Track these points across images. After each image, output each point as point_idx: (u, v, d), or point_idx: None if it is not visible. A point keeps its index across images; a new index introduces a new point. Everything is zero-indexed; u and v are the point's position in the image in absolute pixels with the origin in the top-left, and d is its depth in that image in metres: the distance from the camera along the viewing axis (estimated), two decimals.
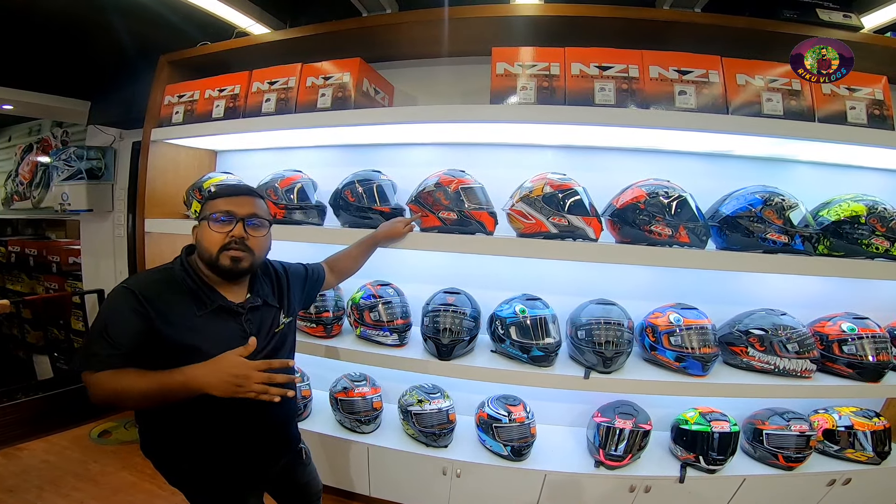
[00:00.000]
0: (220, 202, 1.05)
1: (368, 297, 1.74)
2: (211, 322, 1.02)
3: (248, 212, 1.05)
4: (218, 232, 1.02)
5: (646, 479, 1.64)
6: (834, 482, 1.59)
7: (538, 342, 1.55)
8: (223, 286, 1.07)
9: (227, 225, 1.02)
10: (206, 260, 1.04)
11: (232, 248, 1.02)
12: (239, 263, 1.03)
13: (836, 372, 1.51)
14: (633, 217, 1.42)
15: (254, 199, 1.09)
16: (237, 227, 1.02)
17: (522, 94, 1.45)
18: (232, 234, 1.02)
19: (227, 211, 1.03)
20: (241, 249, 1.03)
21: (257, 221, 1.06)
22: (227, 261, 1.02)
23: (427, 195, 1.54)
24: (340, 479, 1.96)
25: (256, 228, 1.06)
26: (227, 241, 1.02)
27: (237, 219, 1.03)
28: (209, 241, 1.02)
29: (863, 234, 1.38)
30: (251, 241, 1.05)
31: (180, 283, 1.02)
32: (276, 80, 1.68)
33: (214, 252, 1.02)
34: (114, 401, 0.92)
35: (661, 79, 1.40)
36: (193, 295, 1.02)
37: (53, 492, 1.97)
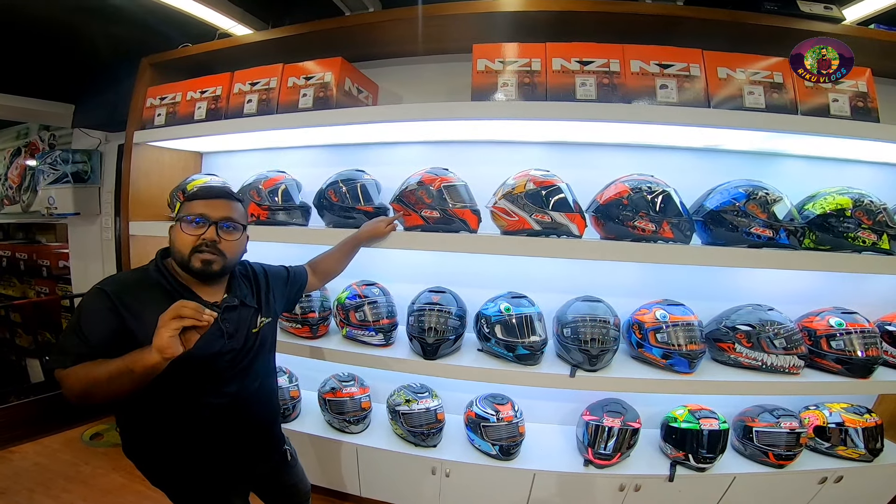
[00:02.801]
0: (197, 205, 1.05)
1: (354, 297, 1.73)
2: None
3: (223, 215, 1.05)
4: (190, 234, 1.02)
5: (635, 478, 1.63)
6: (825, 480, 1.57)
7: (523, 340, 1.54)
8: (199, 286, 1.07)
9: (199, 228, 1.02)
10: (178, 261, 1.04)
11: (203, 250, 1.02)
12: (210, 266, 1.03)
13: (825, 368, 1.49)
14: (617, 213, 1.41)
15: (230, 203, 1.09)
16: (209, 231, 1.03)
17: (503, 91, 1.44)
18: (203, 237, 1.02)
19: (201, 214, 1.03)
20: (213, 252, 1.03)
21: (231, 225, 1.06)
22: (198, 263, 1.02)
23: (409, 194, 1.53)
24: (331, 479, 1.95)
25: (229, 232, 1.06)
26: (199, 243, 1.02)
27: (210, 222, 1.03)
28: (181, 242, 1.02)
29: (849, 228, 1.36)
30: (223, 245, 1.04)
31: (155, 284, 1.03)
32: (257, 81, 1.67)
33: (186, 254, 1.02)
34: (85, 393, 0.90)
35: (643, 73, 1.39)
36: (168, 295, 1.01)
37: (44, 493, 1.97)
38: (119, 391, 0.88)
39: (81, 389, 0.89)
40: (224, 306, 1.08)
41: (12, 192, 2.59)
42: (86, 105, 2.19)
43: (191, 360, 0.99)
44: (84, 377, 0.89)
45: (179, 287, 1.04)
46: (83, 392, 0.89)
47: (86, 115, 2.19)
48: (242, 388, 1.13)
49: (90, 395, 0.89)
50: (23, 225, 2.91)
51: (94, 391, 0.89)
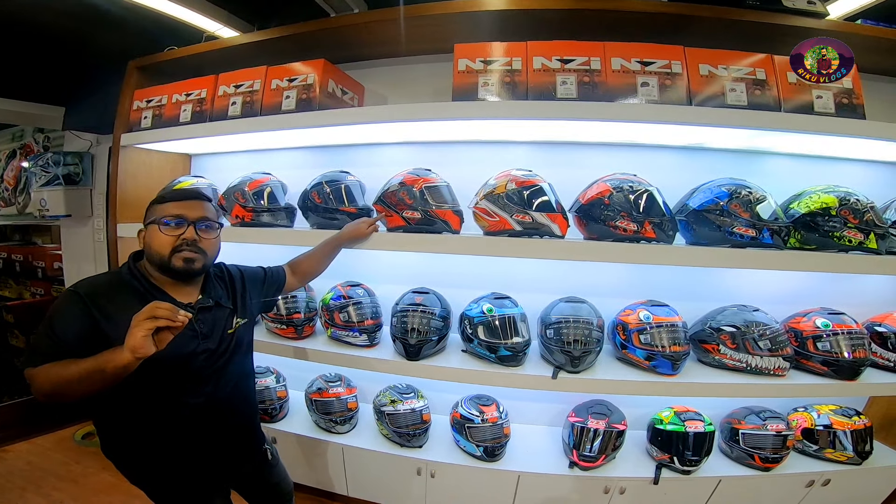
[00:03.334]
0: (170, 206, 1.05)
1: (338, 298, 1.73)
2: None
3: (199, 215, 1.07)
4: (169, 235, 1.03)
5: (620, 481, 1.61)
6: (813, 483, 1.55)
7: (506, 342, 1.53)
8: (173, 288, 1.08)
9: (178, 228, 1.03)
10: (158, 262, 1.04)
11: (184, 249, 1.03)
12: (192, 264, 1.04)
13: (811, 370, 1.46)
14: (599, 212, 1.40)
15: (203, 203, 1.10)
16: (189, 230, 1.04)
17: (485, 91, 1.43)
18: (184, 237, 1.03)
19: (177, 215, 1.04)
20: (194, 251, 1.04)
21: (208, 224, 1.08)
22: (180, 262, 1.03)
23: (391, 195, 1.53)
24: (319, 479, 1.96)
25: (207, 231, 1.08)
26: (179, 243, 1.03)
27: (188, 222, 1.04)
28: (159, 243, 1.03)
29: (834, 227, 1.34)
30: (203, 243, 1.06)
31: (128, 286, 1.03)
32: (241, 84, 1.68)
33: (166, 254, 1.02)
34: (55, 392, 0.90)
35: (624, 70, 1.37)
36: (141, 297, 1.01)
37: (35, 492, 2.00)
38: (89, 390, 0.88)
39: (51, 388, 0.89)
40: (198, 307, 1.08)
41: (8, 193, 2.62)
42: (76, 108, 2.22)
43: (165, 360, 0.99)
44: (54, 376, 0.89)
45: (153, 289, 1.05)
46: (52, 390, 0.90)
47: (76, 117, 2.21)
48: (218, 388, 1.14)
49: (60, 393, 0.90)
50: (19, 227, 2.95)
51: (64, 390, 0.89)
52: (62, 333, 0.94)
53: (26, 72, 2.06)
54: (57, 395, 0.90)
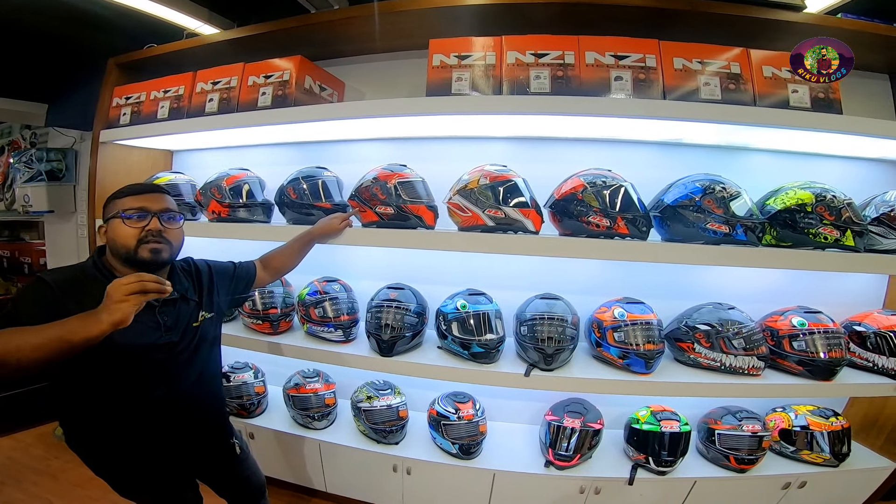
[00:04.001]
0: (129, 200, 1.05)
1: (314, 294, 1.73)
2: None
3: (161, 207, 1.07)
4: (133, 227, 1.03)
5: (596, 481, 1.60)
6: (789, 485, 1.52)
7: (479, 338, 1.52)
8: None
9: (141, 220, 1.03)
10: (124, 255, 1.04)
11: (150, 240, 1.03)
12: (160, 255, 1.05)
13: (787, 369, 1.44)
14: (572, 208, 1.38)
15: (165, 196, 1.11)
16: (153, 222, 1.04)
17: (458, 85, 1.42)
18: (148, 228, 1.03)
19: (139, 208, 1.04)
20: (160, 241, 1.05)
21: (172, 216, 1.09)
22: (147, 253, 1.03)
23: (365, 190, 1.52)
24: (298, 475, 1.96)
25: (171, 221, 1.08)
26: (144, 234, 1.03)
27: (152, 214, 1.04)
28: (124, 236, 1.02)
29: (810, 224, 1.31)
30: (168, 234, 1.07)
31: (92, 279, 1.03)
32: (219, 81, 1.68)
33: (132, 246, 1.02)
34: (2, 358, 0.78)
35: (598, 65, 1.36)
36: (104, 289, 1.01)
37: (14, 486, 2.01)
38: (44, 360, 0.80)
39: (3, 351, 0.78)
40: (163, 300, 1.07)
41: None
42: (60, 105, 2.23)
43: (126, 350, 1.01)
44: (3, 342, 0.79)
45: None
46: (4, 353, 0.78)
47: (60, 114, 2.22)
48: (181, 382, 1.14)
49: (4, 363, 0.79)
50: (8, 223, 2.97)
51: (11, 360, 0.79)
52: (24, 313, 0.90)
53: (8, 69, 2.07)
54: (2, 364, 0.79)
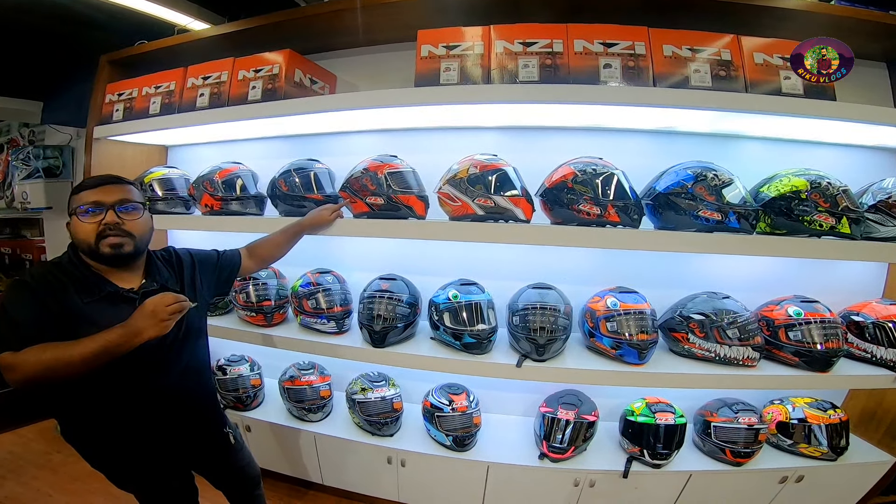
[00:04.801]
0: (85, 194, 1.04)
1: (307, 286, 1.73)
2: (101, 309, 1.02)
3: (117, 198, 1.04)
4: (89, 223, 1.02)
5: (590, 473, 1.58)
6: (786, 479, 1.50)
7: (471, 329, 1.51)
8: (113, 273, 1.07)
9: (97, 215, 1.02)
10: (87, 251, 1.04)
11: (108, 234, 1.02)
12: (120, 249, 1.04)
13: (783, 360, 1.41)
14: (563, 196, 1.37)
15: (122, 186, 1.08)
16: (109, 215, 1.02)
17: (446, 76, 1.42)
18: (105, 222, 1.02)
19: (94, 202, 1.02)
20: (120, 234, 1.03)
21: (129, 206, 1.06)
22: (107, 248, 1.02)
23: (355, 181, 1.52)
24: (294, 467, 1.97)
25: (129, 212, 1.06)
26: (101, 228, 1.02)
27: (107, 207, 1.03)
28: (83, 232, 1.02)
29: (805, 211, 1.29)
30: (128, 226, 1.05)
31: (68, 273, 1.03)
32: (209, 75, 1.69)
33: (92, 242, 1.02)
34: (44, 374, 0.89)
35: (586, 52, 1.35)
36: (81, 283, 1.02)
37: (14, 481, 2.03)
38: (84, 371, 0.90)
39: (41, 370, 0.88)
40: (143, 292, 1.08)
41: None
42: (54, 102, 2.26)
43: None
44: (47, 359, 0.89)
45: (93, 276, 1.04)
46: (43, 372, 0.89)
47: (55, 111, 2.25)
48: (169, 373, 1.14)
49: (48, 375, 0.89)
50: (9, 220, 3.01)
51: (56, 371, 0.89)
52: (22, 317, 0.94)
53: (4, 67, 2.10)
54: (45, 378, 0.89)
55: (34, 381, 0.90)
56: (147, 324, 0.93)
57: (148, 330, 0.93)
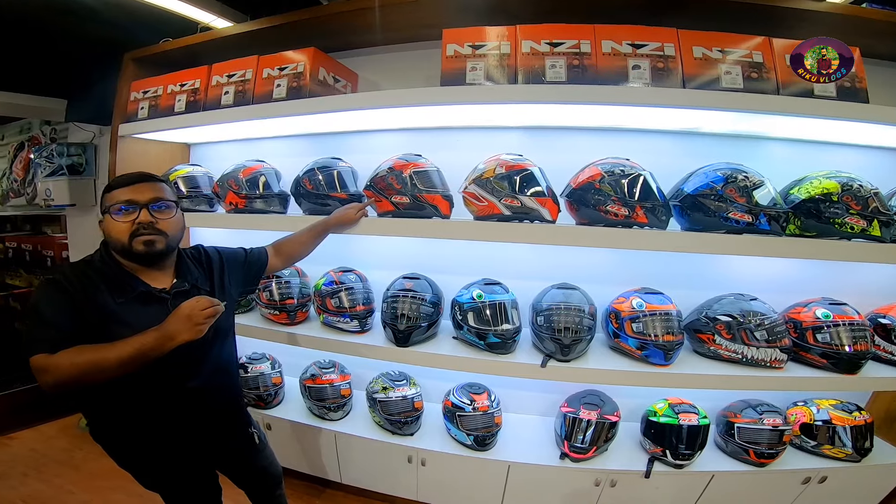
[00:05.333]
0: (119, 193, 1.04)
1: (330, 284, 1.74)
2: (133, 308, 1.02)
3: (150, 197, 1.04)
4: (123, 221, 1.02)
5: (611, 473, 1.59)
6: (809, 480, 1.50)
7: (495, 328, 1.52)
8: (145, 273, 1.07)
9: (131, 213, 1.02)
10: (120, 250, 1.04)
11: (142, 233, 1.02)
12: (153, 246, 1.04)
13: (810, 362, 1.41)
14: (590, 197, 1.37)
15: (154, 184, 1.08)
16: (142, 213, 1.02)
17: (472, 75, 1.42)
18: (139, 221, 1.02)
19: (127, 200, 1.02)
20: (153, 233, 1.03)
21: (162, 204, 1.06)
22: (140, 246, 1.02)
23: (380, 180, 1.53)
24: (312, 465, 1.98)
25: (162, 211, 1.06)
26: (135, 227, 1.02)
27: (140, 205, 1.03)
28: (116, 231, 1.02)
29: (836, 213, 1.29)
30: (161, 224, 1.05)
31: (100, 272, 1.03)
32: (234, 73, 1.69)
33: (125, 241, 1.02)
34: (78, 377, 0.89)
35: (615, 53, 1.34)
36: (113, 282, 1.02)
37: (36, 478, 2.04)
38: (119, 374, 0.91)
39: (76, 374, 0.89)
40: (174, 292, 1.08)
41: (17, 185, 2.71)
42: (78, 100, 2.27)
43: None
44: (82, 362, 0.89)
45: (124, 275, 1.04)
46: (77, 376, 0.89)
47: (78, 109, 2.26)
48: (199, 375, 1.14)
49: (83, 379, 0.90)
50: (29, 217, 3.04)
51: (91, 375, 0.90)
52: (56, 318, 0.94)
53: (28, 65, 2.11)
54: (74, 382, 0.90)
55: (68, 385, 0.89)
56: (182, 328, 0.94)
57: (183, 334, 0.94)
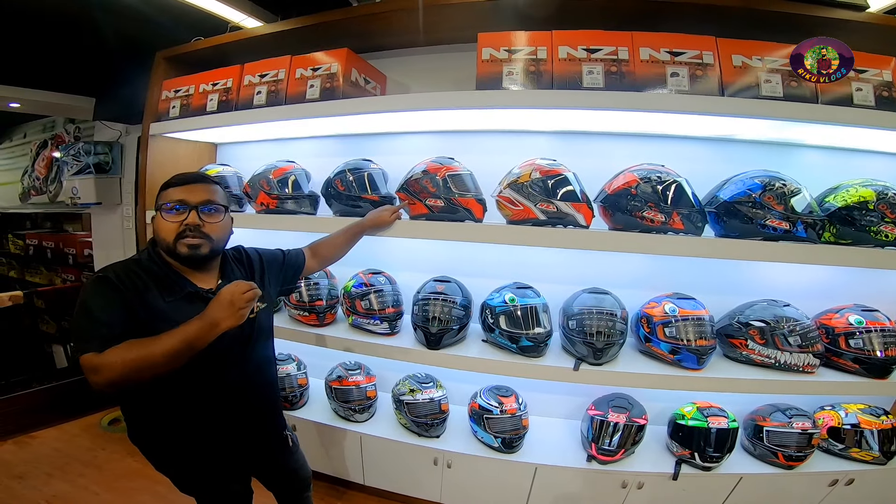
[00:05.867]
0: (173, 191, 1.04)
1: (360, 286, 1.75)
2: (180, 308, 1.02)
3: (202, 199, 1.04)
4: (171, 221, 1.02)
5: (638, 475, 1.60)
6: (836, 482, 1.52)
7: (527, 332, 1.53)
8: (191, 273, 1.08)
9: (180, 214, 1.02)
10: (165, 249, 1.04)
11: (188, 235, 1.02)
12: (197, 250, 1.03)
13: (842, 367, 1.43)
14: (625, 203, 1.38)
15: (208, 186, 1.08)
16: (191, 216, 1.02)
17: (508, 80, 1.43)
18: (186, 223, 1.02)
19: (179, 200, 1.02)
20: (198, 236, 1.03)
21: (212, 207, 1.06)
22: (184, 248, 1.02)
23: (414, 183, 1.53)
24: (335, 467, 1.98)
25: (211, 214, 1.05)
26: (182, 229, 1.01)
27: (190, 207, 1.02)
28: (164, 230, 1.02)
29: (871, 221, 1.30)
30: (207, 228, 1.04)
31: (149, 271, 1.03)
32: (266, 73, 1.70)
33: (171, 241, 1.02)
34: (129, 375, 0.87)
35: (653, 60, 1.35)
36: (162, 282, 1.03)
37: (60, 478, 2.04)
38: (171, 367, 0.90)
39: (126, 371, 0.87)
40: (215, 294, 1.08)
41: (39, 182, 2.71)
42: (106, 98, 2.27)
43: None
44: (131, 359, 0.87)
45: (172, 274, 1.05)
46: (128, 373, 0.87)
47: (106, 108, 2.26)
48: (242, 375, 1.14)
49: (135, 375, 0.88)
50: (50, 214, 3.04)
51: (142, 370, 0.88)
52: (107, 316, 0.93)
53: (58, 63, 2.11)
54: (126, 379, 0.88)
55: (118, 384, 0.87)
56: (224, 314, 0.92)
57: (225, 320, 0.92)
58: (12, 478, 2.03)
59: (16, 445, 2.28)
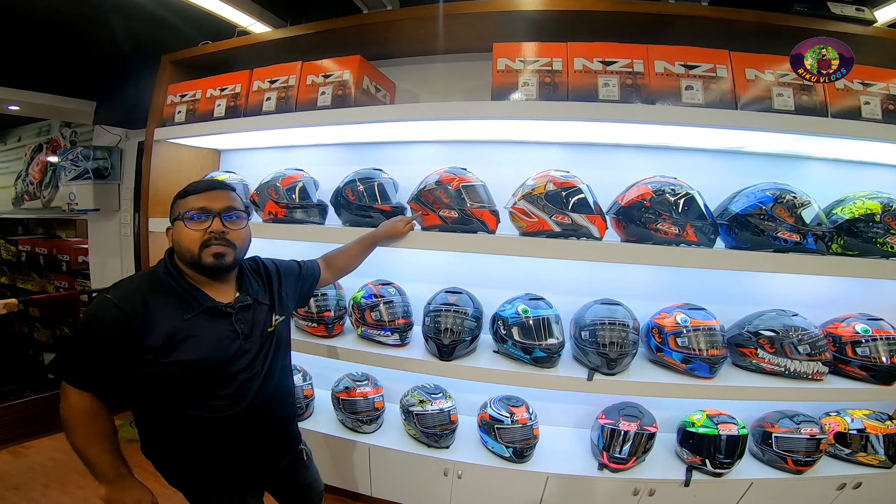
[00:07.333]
0: (193, 199, 1.00)
1: (370, 297, 1.73)
2: (200, 323, 0.99)
3: (224, 205, 1.01)
4: (195, 230, 0.98)
5: (650, 483, 1.61)
6: (844, 486, 1.55)
7: (541, 343, 1.53)
8: (209, 286, 1.04)
9: (203, 222, 0.99)
10: (188, 260, 1.00)
11: (213, 244, 0.99)
12: (223, 259, 1.00)
13: (849, 374, 1.47)
14: (639, 215, 1.39)
15: (228, 193, 1.05)
16: (215, 223, 0.99)
17: (524, 90, 1.43)
18: (211, 230, 0.99)
19: (201, 208, 0.99)
20: (223, 244, 1.00)
21: (235, 214, 1.03)
22: (210, 258, 0.99)
23: (428, 193, 1.52)
24: (343, 479, 1.95)
25: (234, 221, 1.03)
26: (207, 237, 0.98)
27: (213, 214, 0.99)
28: (188, 240, 0.99)
29: (877, 233, 1.33)
30: (231, 235, 1.01)
31: (165, 287, 1.00)
32: (276, 79, 1.67)
33: (196, 250, 0.98)
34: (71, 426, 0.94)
35: (667, 73, 1.37)
36: (180, 297, 0.99)
37: (58, 490, 1.98)
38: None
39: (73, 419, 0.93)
40: (238, 306, 1.05)
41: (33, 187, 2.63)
42: (107, 102, 2.21)
43: (206, 365, 0.99)
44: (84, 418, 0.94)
45: (191, 289, 1.02)
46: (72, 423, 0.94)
47: (107, 112, 2.20)
48: (260, 389, 1.11)
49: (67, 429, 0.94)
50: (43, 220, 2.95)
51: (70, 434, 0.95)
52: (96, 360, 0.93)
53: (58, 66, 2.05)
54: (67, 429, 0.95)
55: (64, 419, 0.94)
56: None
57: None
58: (9, 488, 1.97)
59: (11, 455, 2.22)
